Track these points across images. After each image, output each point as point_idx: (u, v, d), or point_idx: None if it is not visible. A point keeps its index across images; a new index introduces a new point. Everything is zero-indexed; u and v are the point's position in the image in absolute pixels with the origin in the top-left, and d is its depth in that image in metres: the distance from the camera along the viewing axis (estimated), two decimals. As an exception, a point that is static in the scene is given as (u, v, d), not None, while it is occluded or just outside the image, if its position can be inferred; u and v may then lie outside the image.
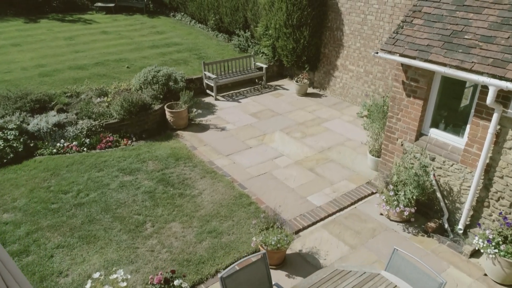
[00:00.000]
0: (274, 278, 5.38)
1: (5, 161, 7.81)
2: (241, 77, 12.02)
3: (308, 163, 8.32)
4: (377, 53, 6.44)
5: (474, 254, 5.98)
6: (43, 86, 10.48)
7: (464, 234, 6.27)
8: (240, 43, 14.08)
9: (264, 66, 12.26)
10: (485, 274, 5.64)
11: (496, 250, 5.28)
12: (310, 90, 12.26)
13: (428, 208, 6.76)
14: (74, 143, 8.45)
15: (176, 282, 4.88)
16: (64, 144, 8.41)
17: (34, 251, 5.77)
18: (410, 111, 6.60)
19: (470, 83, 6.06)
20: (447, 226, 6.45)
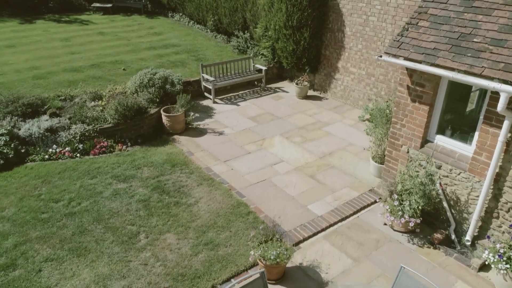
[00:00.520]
0: (273, 294, 5.11)
1: (-5, 168, 7.54)
2: (240, 80, 11.73)
3: (309, 170, 8.05)
4: (381, 57, 6.16)
5: (483, 268, 5.70)
6: (37, 89, 10.21)
7: (472, 246, 5.99)
8: (239, 45, 13.80)
9: (264, 68, 11.98)
10: (495, 290, 5.38)
11: (508, 266, 5.01)
12: (311, 93, 11.98)
13: (434, 218, 6.49)
14: (67, 149, 8.17)
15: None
16: (57, 150, 8.13)
17: (22, 265, 5.49)
18: (415, 117, 6.32)
19: (476, 87, 5.79)
20: (454, 237, 6.17)
